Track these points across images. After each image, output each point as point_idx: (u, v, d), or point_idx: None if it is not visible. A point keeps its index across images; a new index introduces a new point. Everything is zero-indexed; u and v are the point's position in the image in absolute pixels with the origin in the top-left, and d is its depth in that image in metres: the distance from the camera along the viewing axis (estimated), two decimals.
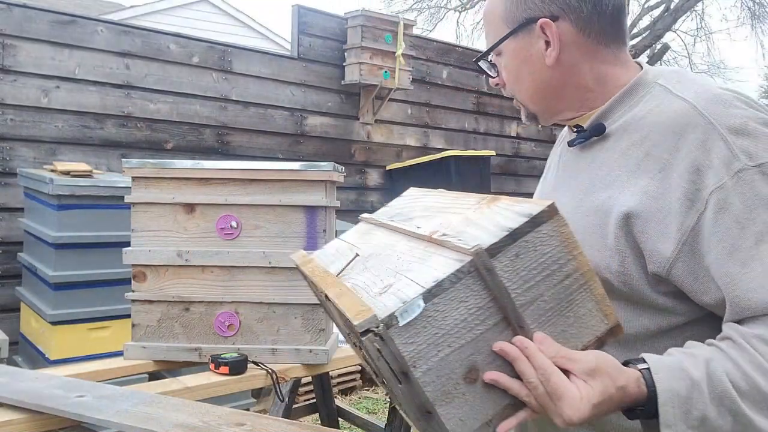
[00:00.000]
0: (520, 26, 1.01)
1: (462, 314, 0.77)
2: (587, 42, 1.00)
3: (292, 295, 1.82)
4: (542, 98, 1.06)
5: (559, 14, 0.98)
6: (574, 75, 1.01)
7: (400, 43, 5.40)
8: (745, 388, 0.81)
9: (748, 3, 14.87)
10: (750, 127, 0.87)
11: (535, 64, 1.02)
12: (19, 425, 1.40)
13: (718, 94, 0.91)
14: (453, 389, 0.78)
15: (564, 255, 0.82)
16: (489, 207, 0.91)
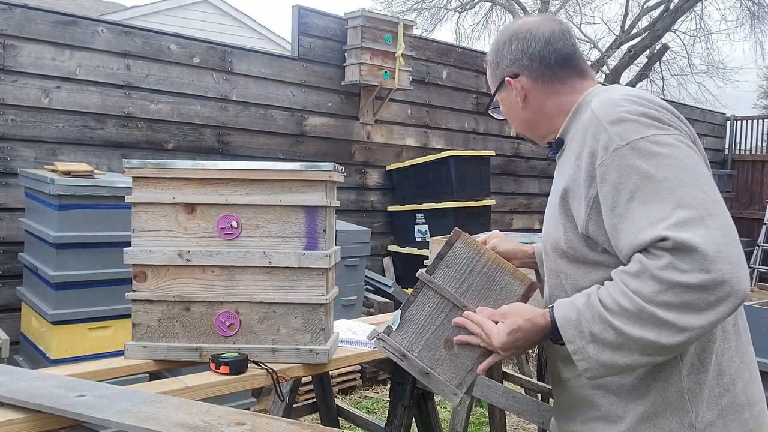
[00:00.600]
0: (499, 85, 1.46)
1: (427, 312, 1.32)
2: (543, 86, 1.40)
3: (292, 295, 1.82)
4: (527, 129, 1.48)
5: (519, 71, 1.41)
6: (541, 109, 1.42)
7: (400, 44, 5.40)
8: (615, 308, 1.12)
9: (747, 3, 14.87)
10: (624, 117, 1.18)
11: (515, 107, 1.45)
12: (19, 425, 1.40)
13: (611, 99, 1.24)
14: (440, 356, 1.31)
15: (475, 255, 1.32)
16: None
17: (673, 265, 1.07)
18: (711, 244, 1.06)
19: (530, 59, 1.39)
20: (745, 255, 6.16)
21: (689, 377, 1.21)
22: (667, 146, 1.15)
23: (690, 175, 1.12)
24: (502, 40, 1.44)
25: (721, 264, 1.06)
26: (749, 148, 11.02)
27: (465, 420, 2.94)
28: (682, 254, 1.07)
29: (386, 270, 5.82)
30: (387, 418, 2.22)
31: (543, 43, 1.38)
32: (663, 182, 1.11)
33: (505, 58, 1.43)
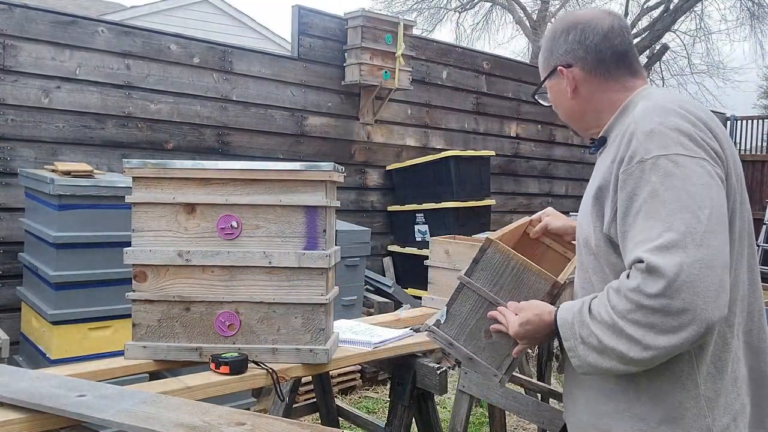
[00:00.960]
0: (551, 72, 1.48)
1: (468, 308, 1.52)
2: (595, 79, 1.42)
3: (292, 295, 1.82)
4: (573, 119, 1.52)
5: (572, 62, 1.43)
6: (589, 103, 1.44)
7: (400, 44, 5.40)
8: (597, 318, 1.23)
9: (747, 3, 14.87)
10: (656, 130, 1.23)
11: (563, 97, 1.48)
12: (19, 425, 1.40)
13: (653, 107, 1.28)
14: (481, 344, 1.51)
15: (504, 259, 1.48)
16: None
17: (640, 288, 1.15)
18: (681, 272, 1.12)
19: (585, 52, 1.41)
20: None
21: (706, 384, 1.26)
22: (684, 168, 1.18)
23: (693, 202, 1.16)
24: (560, 28, 1.46)
25: (685, 293, 1.12)
26: (749, 148, 11.03)
27: (465, 420, 2.94)
28: (651, 278, 1.14)
29: (386, 270, 5.82)
30: (387, 418, 2.22)
31: (600, 37, 1.40)
32: (666, 203, 1.17)
33: (560, 46, 1.45)
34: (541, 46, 1.53)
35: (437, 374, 2.07)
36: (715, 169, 1.21)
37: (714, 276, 1.13)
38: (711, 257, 1.14)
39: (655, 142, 1.21)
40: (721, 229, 1.17)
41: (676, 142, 1.21)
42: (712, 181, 1.19)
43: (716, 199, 1.18)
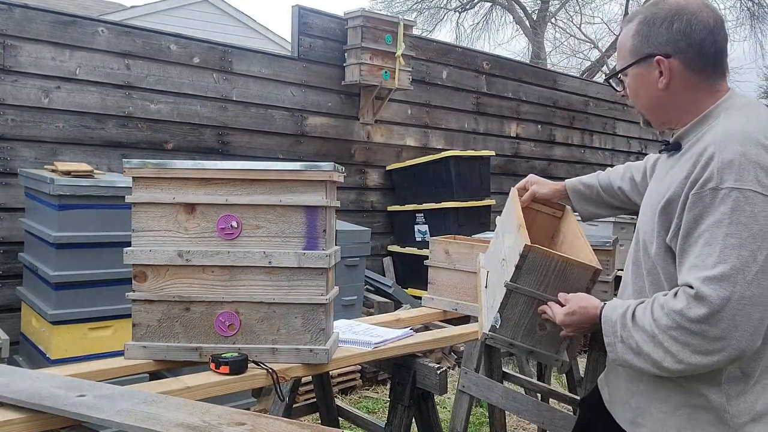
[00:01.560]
0: (642, 59, 1.41)
1: (519, 310, 1.60)
2: (690, 75, 1.38)
3: (292, 295, 1.82)
4: (653, 111, 1.47)
5: (672, 54, 1.37)
6: (676, 98, 1.41)
7: (400, 44, 5.40)
8: (639, 325, 1.31)
9: (747, 3, 14.87)
10: (734, 161, 1.24)
11: (650, 87, 1.42)
12: (19, 425, 1.40)
13: (735, 133, 1.28)
14: (538, 337, 1.62)
15: (545, 259, 1.55)
16: (517, 236, 1.66)
17: (683, 311, 1.24)
18: (725, 306, 1.20)
19: (689, 45, 1.36)
20: None
21: (728, 384, 1.33)
22: (754, 206, 1.22)
23: (754, 241, 1.21)
24: (662, 15, 1.39)
25: (724, 324, 1.21)
26: None
27: (465, 420, 2.94)
28: (697, 304, 1.22)
29: (386, 270, 5.82)
30: (387, 418, 2.22)
31: (707, 32, 1.36)
32: (727, 236, 1.22)
33: (661, 35, 1.38)
34: (630, 28, 1.45)
35: (437, 374, 2.07)
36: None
37: (756, 314, 1.21)
38: (758, 297, 1.20)
39: (733, 173, 1.24)
40: None
41: (753, 177, 1.23)
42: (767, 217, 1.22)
43: (765, 238, 1.21)
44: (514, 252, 1.62)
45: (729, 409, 1.33)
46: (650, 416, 1.43)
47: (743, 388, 1.33)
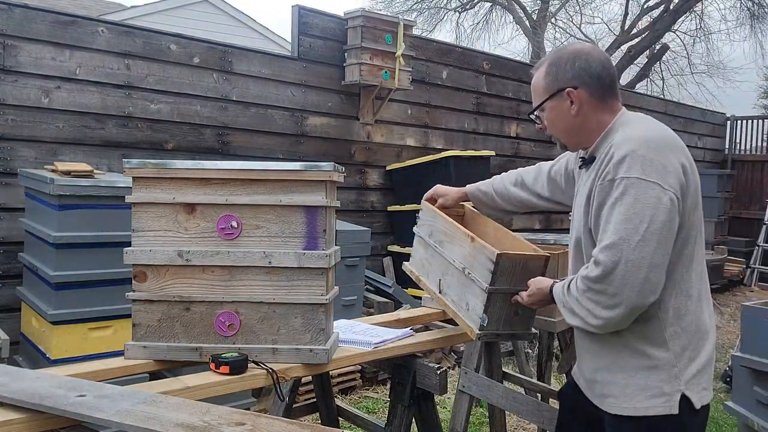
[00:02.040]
0: (556, 93, 1.76)
1: (498, 306, 1.95)
2: (594, 101, 1.73)
3: (292, 295, 1.82)
4: (569, 135, 1.80)
5: (578, 86, 1.72)
6: (586, 121, 1.75)
7: (400, 44, 5.40)
8: (572, 292, 1.67)
9: (747, 3, 14.86)
10: (627, 157, 1.59)
11: (564, 115, 1.76)
12: (19, 425, 1.40)
13: (628, 137, 1.63)
14: (514, 322, 2.01)
15: (513, 264, 1.91)
16: (473, 246, 1.99)
17: (587, 275, 1.61)
18: (615, 267, 1.55)
19: (590, 77, 1.72)
20: (745, 255, 6.16)
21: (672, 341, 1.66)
22: (637, 190, 1.56)
23: (637, 217, 1.55)
24: (565, 57, 1.75)
25: (617, 282, 1.56)
26: (749, 148, 11.02)
27: (465, 420, 2.94)
28: (595, 268, 1.59)
29: (386, 270, 5.82)
30: (387, 418, 2.22)
31: (601, 66, 1.73)
32: (618, 214, 1.57)
33: (567, 72, 1.73)
34: (540, 71, 1.79)
35: (437, 374, 2.07)
36: (662, 188, 1.56)
37: (640, 274, 1.54)
38: (640, 260, 1.54)
39: (624, 166, 1.58)
40: (655, 240, 1.54)
41: (639, 168, 1.57)
42: (659, 202, 1.55)
43: (656, 216, 1.54)
44: (479, 261, 1.95)
45: (677, 364, 1.65)
46: (614, 386, 1.70)
47: (686, 344, 1.66)
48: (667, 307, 1.64)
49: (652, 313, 1.63)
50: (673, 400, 1.63)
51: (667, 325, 1.65)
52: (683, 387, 1.64)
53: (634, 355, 1.66)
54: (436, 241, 2.21)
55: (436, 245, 2.20)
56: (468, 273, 2.01)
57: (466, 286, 2.03)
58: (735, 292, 8.45)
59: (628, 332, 1.65)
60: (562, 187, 2.09)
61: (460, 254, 2.06)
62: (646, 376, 1.65)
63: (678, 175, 1.59)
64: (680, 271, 1.65)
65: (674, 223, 1.57)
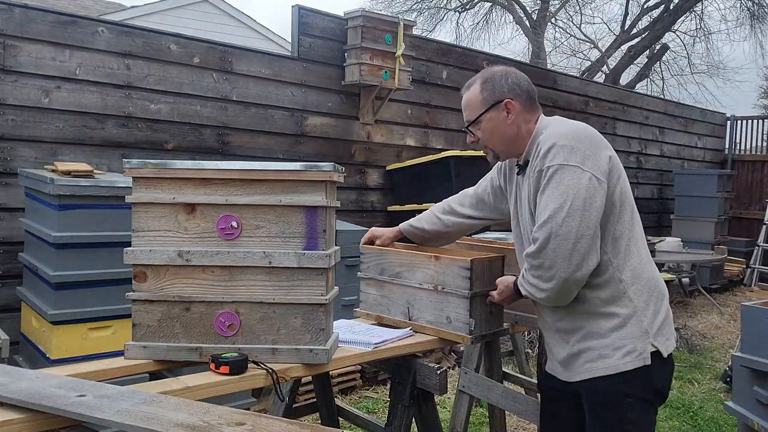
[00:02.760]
0: (494, 105, 1.97)
1: (478, 308, 2.14)
2: (524, 112, 1.97)
3: (292, 295, 1.82)
4: (505, 144, 2.00)
5: (513, 98, 1.96)
6: (519, 130, 1.98)
7: (400, 44, 5.40)
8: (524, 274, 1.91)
9: (747, 3, 14.86)
10: (552, 149, 1.82)
11: (502, 124, 1.97)
12: (19, 425, 1.40)
13: (550, 134, 1.86)
14: (492, 319, 2.20)
15: (482, 264, 2.13)
16: (440, 262, 2.19)
17: (527, 252, 1.85)
18: (547, 241, 1.76)
19: (521, 90, 1.97)
20: (745, 255, 6.16)
21: (637, 298, 1.87)
22: (562, 174, 1.78)
23: (561, 197, 1.76)
24: (497, 74, 1.98)
25: (549, 254, 1.77)
26: (749, 148, 11.02)
27: (465, 420, 2.94)
28: (532, 245, 1.82)
29: None
30: (387, 418, 2.22)
31: (527, 82, 2.00)
32: (548, 197, 1.79)
33: (503, 86, 1.96)
34: (475, 88, 2.00)
35: (437, 374, 2.07)
36: (583, 170, 1.77)
37: (567, 245, 1.74)
38: (566, 233, 1.74)
39: (548, 157, 1.81)
40: (579, 215, 1.74)
41: (561, 156, 1.79)
42: (579, 182, 1.76)
43: (578, 194, 1.75)
44: (451, 273, 2.14)
45: (644, 318, 1.84)
46: (590, 352, 1.88)
47: (647, 299, 1.86)
48: (624, 269, 1.85)
49: (613, 277, 1.84)
50: (646, 353, 1.83)
51: (629, 285, 1.85)
52: (652, 339, 1.84)
53: (603, 318, 1.85)
54: (391, 275, 2.33)
55: (393, 278, 2.33)
56: (441, 289, 2.17)
57: (441, 302, 2.18)
58: (735, 292, 8.46)
59: (596, 300, 1.85)
60: (491, 203, 2.28)
61: (426, 276, 2.22)
62: (618, 335, 1.83)
63: (597, 159, 1.80)
64: (626, 237, 1.86)
65: (596, 199, 1.76)
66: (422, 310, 2.24)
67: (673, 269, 7.31)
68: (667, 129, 9.65)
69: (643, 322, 1.84)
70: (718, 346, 5.84)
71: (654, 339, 1.84)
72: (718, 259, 7.98)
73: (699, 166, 10.30)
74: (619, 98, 8.88)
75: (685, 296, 7.72)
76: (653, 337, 1.84)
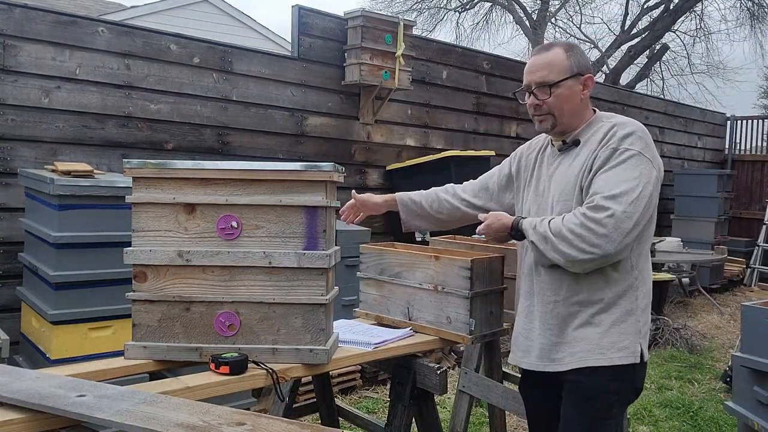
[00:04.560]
0: (575, 75, 1.94)
1: (478, 308, 2.15)
2: (589, 93, 1.98)
3: (292, 295, 1.82)
4: (570, 116, 1.97)
5: (592, 75, 1.97)
6: (584, 108, 1.99)
7: (400, 44, 5.40)
8: (552, 226, 1.85)
9: (747, 3, 14.86)
10: (631, 134, 1.86)
11: (575, 97, 1.96)
12: (19, 425, 1.40)
13: (626, 122, 1.91)
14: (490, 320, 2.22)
15: (482, 263, 2.14)
16: (440, 263, 2.19)
17: (586, 213, 1.80)
18: (613, 214, 1.76)
19: (591, 71, 1.99)
20: (745, 255, 6.16)
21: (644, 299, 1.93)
22: (637, 159, 1.83)
23: (634, 179, 1.80)
24: (577, 48, 2.00)
25: (609, 227, 1.76)
26: (749, 148, 11.02)
27: (465, 420, 2.94)
28: (596, 210, 1.78)
29: None
30: (387, 418, 2.22)
31: None
32: (619, 174, 1.81)
33: (585, 61, 1.98)
34: (558, 51, 1.96)
35: (437, 374, 2.07)
36: (653, 166, 1.84)
37: (630, 223, 1.76)
38: (632, 213, 1.77)
39: (627, 141, 1.85)
40: (644, 204, 1.78)
41: (638, 144, 1.85)
42: (650, 175, 1.82)
43: (648, 185, 1.80)
44: (451, 273, 2.14)
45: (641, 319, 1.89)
46: (585, 342, 1.88)
47: (647, 303, 1.93)
48: (640, 269, 1.90)
49: (629, 273, 1.88)
50: (637, 351, 1.88)
51: (639, 284, 1.91)
52: (642, 340, 1.90)
53: (610, 311, 1.87)
54: (391, 275, 2.33)
55: (393, 278, 2.32)
56: (442, 289, 2.16)
57: (441, 302, 2.17)
58: (735, 292, 8.45)
59: (610, 289, 1.87)
60: (494, 191, 2.26)
61: (426, 276, 2.21)
62: (617, 329, 1.87)
63: (659, 162, 1.88)
64: (646, 239, 1.91)
65: (655, 196, 1.83)
66: (422, 310, 2.24)
67: (673, 269, 7.31)
68: (667, 129, 9.65)
69: (639, 322, 1.89)
70: (718, 346, 5.83)
71: (643, 339, 1.90)
72: (718, 259, 7.97)
73: (699, 166, 10.30)
74: (619, 98, 8.87)
75: (685, 296, 7.72)
76: (643, 338, 1.90)
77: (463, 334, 2.12)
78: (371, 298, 2.42)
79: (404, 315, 2.30)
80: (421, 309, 2.24)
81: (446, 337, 2.18)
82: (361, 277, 2.44)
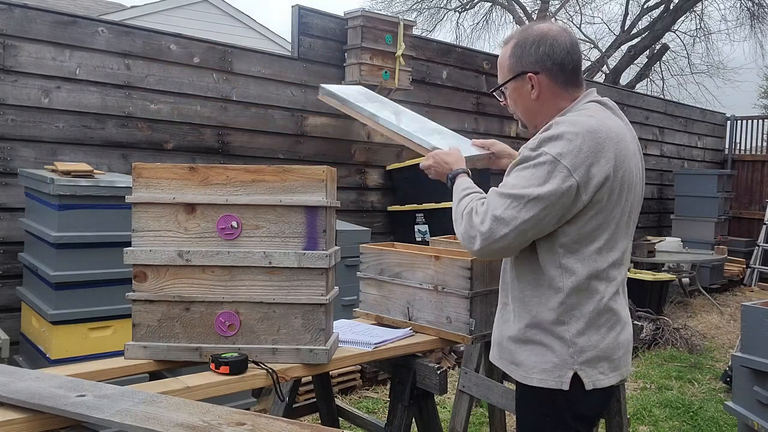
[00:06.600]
0: (517, 75, 1.75)
1: (478, 308, 2.17)
2: (554, 87, 1.73)
3: (292, 295, 1.82)
4: (528, 117, 1.82)
5: (539, 71, 1.71)
6: (545, 106, 1.75)
7: (400, 44, 5.40)
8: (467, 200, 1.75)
9: (747, 3, 14.86)
10: (553, 139, 1.60)
11: (525, 97, 1.77)
12: (19, 425, 1.40)
13: (562, 121, 1.64)
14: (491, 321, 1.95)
15: (480, 263, 2.13)
16: (440, 262, 2.20)
17: (476, 209, 1.69)
18: (489, 214, 1.64)
19: (552, 63, 1.70)
20: (745, 255, 6.17)
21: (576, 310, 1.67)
22: (548, 165, 1.58)
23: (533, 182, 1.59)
24: (530, 40, 1.72)
25: (484, 226, 1.63)
26: (749, 148, 11.02)
27: (465, 420, 2.94)
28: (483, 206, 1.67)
29: None
30: (387, 418, 2.22)
31: (565, 52, 1.70)
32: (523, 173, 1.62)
33: (530, 55, 1.71)
34: (506, 49, 1.78)
35: (437, 374, 2.07)
36: (569, 174, 1.56)
37: (505, 229, 1.60)
38: (511, 219, 1.59)
39: (547, 145, 1.60)
40: (534, 209, 1.57)
41: (557, 149, 1.58)
42: (558, 182, 1.56)
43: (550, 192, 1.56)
44: (451, 273, 2.14)
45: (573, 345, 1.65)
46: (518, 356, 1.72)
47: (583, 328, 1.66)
48: (570, 286, 1.63)
49: (557, 287, 1.64)
50: (565, 377, 1.65)
51: (571, 306, 1.65)
52: (577, 367, 1.65)
53: (537, 332, 1.68)
54: (391, 275, 2.34)
55: (393, 278, 2.33)
56: (442, 289, 2.16)
57: (441, 302, 2.18)
58: (735, 292, 8.45)
59: (538, 306, 1.67)
60: None
61: (426, 276, 2.22)
62: (543, 353, 1.67)
63: (593, 171, 1.58)
64: (588, 251, 1.63)
65: (557, 207, 1.58)
66: (422, 310, 2.24)
67: (673, 269, 7.31)
68: (667, 129, 9.65)
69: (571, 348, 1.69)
70: (718, 346, 5.83)
71: (580, 367, 1.68)
72: (718, 259, 7.97)
73: (699, 166, 10.30)
74: (619, 98, 8.88)
75: (685, 296, 7.72)
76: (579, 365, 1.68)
77: (463, 334, 2.12)
78: (371, 298, 2.42)
79: (404, 315, 2.30)
80: (421, 309, 2.24)
81: (446, 337, 2.18)
82: (361, 277, 2.45)
